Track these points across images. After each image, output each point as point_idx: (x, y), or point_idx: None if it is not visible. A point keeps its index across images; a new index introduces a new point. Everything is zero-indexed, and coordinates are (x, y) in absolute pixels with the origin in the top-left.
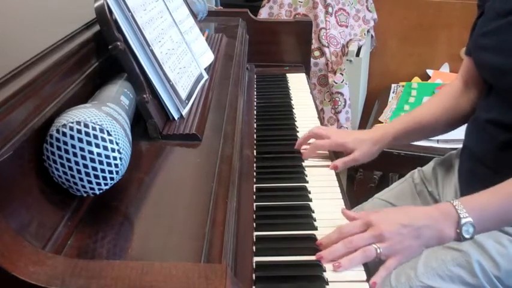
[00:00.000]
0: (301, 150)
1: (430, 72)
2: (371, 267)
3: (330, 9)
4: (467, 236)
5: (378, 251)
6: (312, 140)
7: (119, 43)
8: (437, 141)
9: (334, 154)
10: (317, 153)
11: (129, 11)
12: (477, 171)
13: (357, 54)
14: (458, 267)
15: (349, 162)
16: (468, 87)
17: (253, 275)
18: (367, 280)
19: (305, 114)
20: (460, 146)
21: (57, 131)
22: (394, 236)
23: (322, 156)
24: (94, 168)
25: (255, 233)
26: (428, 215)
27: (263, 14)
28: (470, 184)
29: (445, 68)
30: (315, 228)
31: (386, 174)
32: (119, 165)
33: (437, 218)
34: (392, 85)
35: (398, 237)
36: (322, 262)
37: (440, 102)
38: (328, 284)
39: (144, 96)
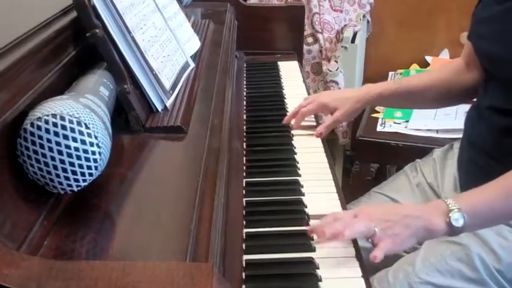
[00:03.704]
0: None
1: (429, 58)
2: (366, 265)
3: None
4: (457, 225)
5: (376, 229)
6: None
7: (97, 30)
8: (437, 131)
9: (327, 141)
10: (308, 138)
11: None
12: (477, 160)
13: (352, 41)
14: (458, 261)
15: (331, 124)
16: (470, 67)
17: (243, 274)
18: (362, 276)
19: (298, 105)
20: (460, 136)
21: (32, 125)
22: (383, 222)
23: (314, 146)
24: (71, 164)
25: (245, 230)
26: (416, 207)
27: None
28: (470, 173)
29: (445, 54)
30: (308, 224)
31: (383, 167)
32: (98, 160)
33: (426, 209)
34: (390, 73)
35: (388, 223)
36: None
37: (438, 74)
38: (321, 281)
39: (125, 86)
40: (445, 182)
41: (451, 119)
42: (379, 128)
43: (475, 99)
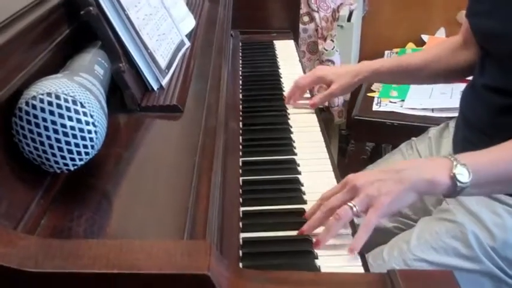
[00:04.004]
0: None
1: (425, 37)
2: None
3: None
4: (462, 180)
5: (354, 209)
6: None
7: (91, 8)
8: (432, 110)
9: (323, 121)
10: (304, 117)
11: None
12: (472, 138)
13: (348, 19)
14: (453, 239)
15: (326, 96)
16: (467, 45)
17: (240, 252)
18: (358, 253)
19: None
20: (455, 115)
21: (27, 104)
22: (368, 185)
23: (310, 125)
24: (67, 143)
25: (242, 208)
26: (414, 161)
27: None
28: (465, 152)
29: (441, 33)
30: (304, 202)
31: (379, 146)
32: (94, 139)
33: (426, 162)
34: (386, 52)
35: (374, 185)
36: (305, 233)
37: (435, 52)
38: (317, 258)
39: (120, 65)
40: None
41: (447, 98)
42: (374, 107)
43: (470, 78)
